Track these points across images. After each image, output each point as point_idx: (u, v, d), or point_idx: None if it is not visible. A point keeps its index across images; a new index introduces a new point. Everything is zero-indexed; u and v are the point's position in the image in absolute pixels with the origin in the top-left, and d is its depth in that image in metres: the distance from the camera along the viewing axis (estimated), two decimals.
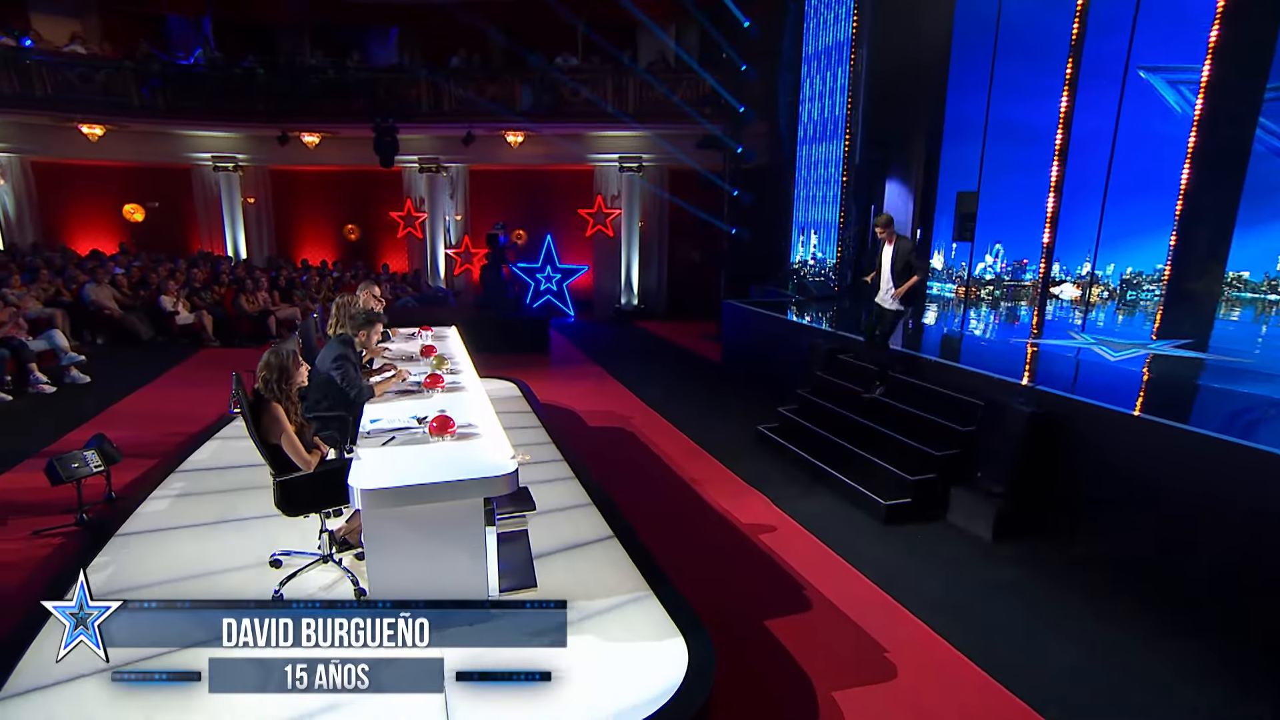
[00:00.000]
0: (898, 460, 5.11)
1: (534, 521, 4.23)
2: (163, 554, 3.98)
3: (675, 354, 10.99)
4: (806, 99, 11.08)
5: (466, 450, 3.38)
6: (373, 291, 5.81)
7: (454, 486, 3.04)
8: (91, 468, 4.48)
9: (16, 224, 12.90)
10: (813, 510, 5.05)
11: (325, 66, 12.88)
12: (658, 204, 14.64)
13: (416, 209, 15.01)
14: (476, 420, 3.81)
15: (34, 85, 11.66)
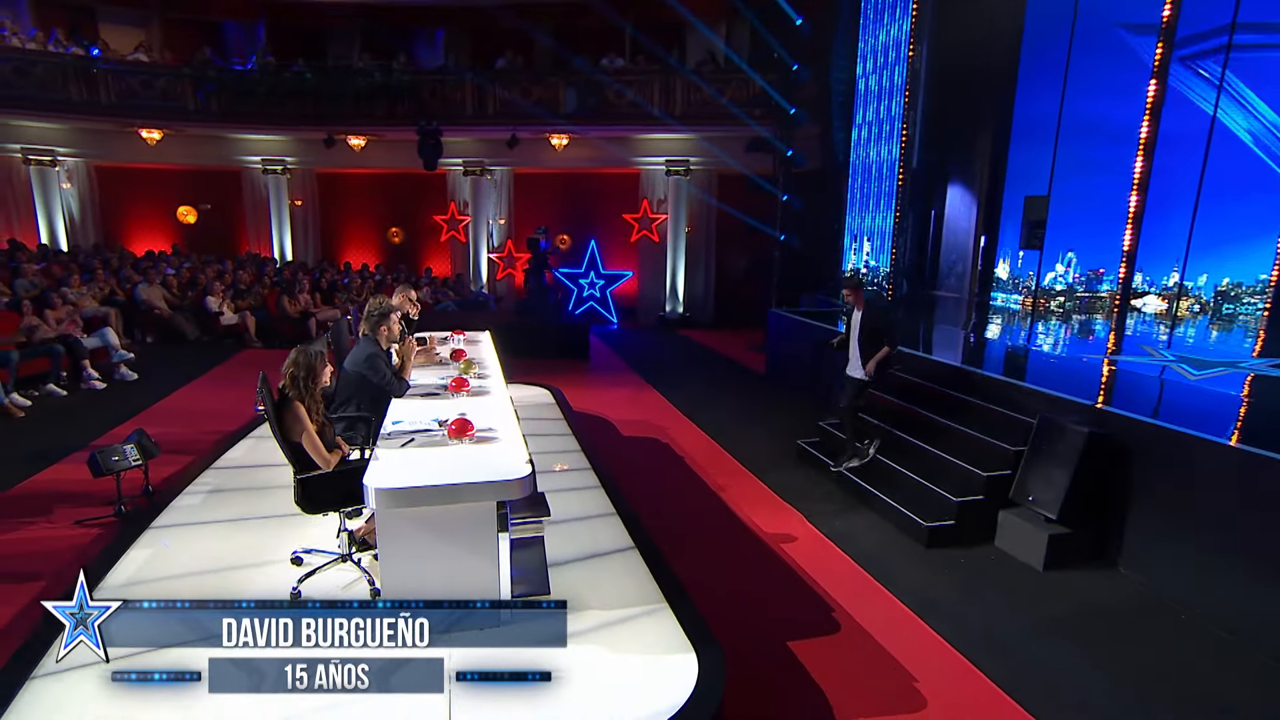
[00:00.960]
0: (941, 480, 5.00)
1: (553, 529, 4.29)
2: (191, 548, 4.22)
3: (718, 364, 11.03)
4: (861, 99, 10.96)
5: (483, 454, 3.49)
6: (408, 295, 6.03)
7: (466, 489, 3.14)
8: (130, 461, 4.79)
9: (80, 226, 13.87)
10: (849, 529, 4.98)
11: (372, 70, 13.46)
12: (705, 209, 14.69)
13: (460, 212, 15.44)
14: (497, 425, 3.92)
15: (100, 93, 12.60)
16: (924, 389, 6.12)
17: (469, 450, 3.55)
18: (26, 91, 12.18)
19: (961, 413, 5.54)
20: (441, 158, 13.87)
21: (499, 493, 3.19)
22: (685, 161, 14.45)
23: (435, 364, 5.50)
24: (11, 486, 5.28)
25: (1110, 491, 4.45)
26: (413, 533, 3.17)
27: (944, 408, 5.71)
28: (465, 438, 3.62)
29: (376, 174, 15.34)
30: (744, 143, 12.58)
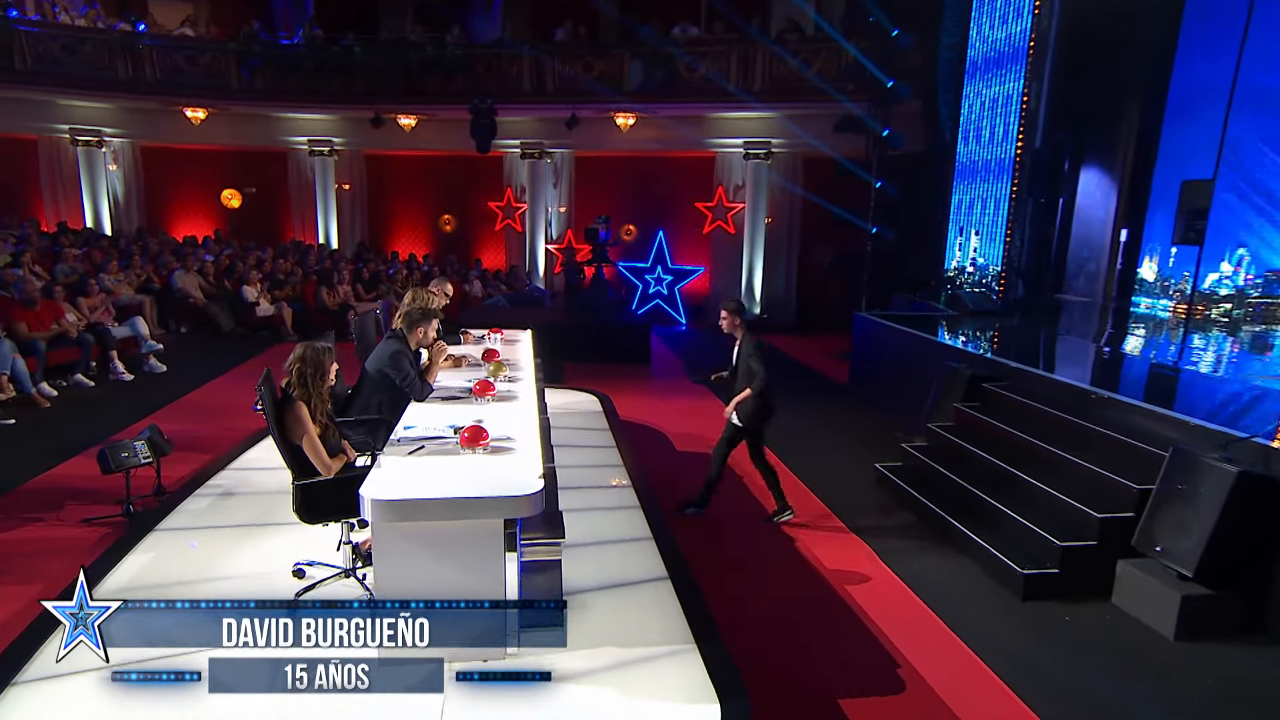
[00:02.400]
0: (1045, 520, 4.68)
1: (577, 552, 4.31)
2: (193, 554, 4.42)
3: (795, 373, 10.90)
4: (974, 67, 10.51)
5: (494, 466, 3.52)
6: (444, 288, 6.17)
7: (469, 504, 3.16)
8: (140, 459, 5.05)
9: (124, 209, 14.94)
10: (928, 571, 4.76)
11: (423, 43, 13.87)
12: (787, 197, 14.50)
13: (517, 199, 15.72)
14: (517, 434, 3.94)
15: (145, 70, 13.55)
16: (1031, 411, 5.82)
17: (480, 461, 3.59)
18: (74, 69, 13.21)
19: (1076, 441, 5.23)
20: (496, 139, 14.14)
21: (505, 509, 3.20)
22: (766, 143, 14.30)
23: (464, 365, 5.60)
24: (26, 481, 5.66)
25: (1269, 547, 4.03)
26: (410, 550, 3.20)
27: (1054, 434, 5.41)
28: (478, 447, 3.66)
29: (427, 156, 15.79)
30: (833, 122, 12.32)
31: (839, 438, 7.51)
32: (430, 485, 3.28)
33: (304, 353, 3.71)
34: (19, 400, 7.21)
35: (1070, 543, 4.45)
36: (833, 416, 8.32)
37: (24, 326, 7.50)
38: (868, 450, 6.83)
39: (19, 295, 7.73)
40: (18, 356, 7.15)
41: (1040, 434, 5.44)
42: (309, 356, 3.70)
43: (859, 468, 6.48)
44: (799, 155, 14.25)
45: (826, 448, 7.16)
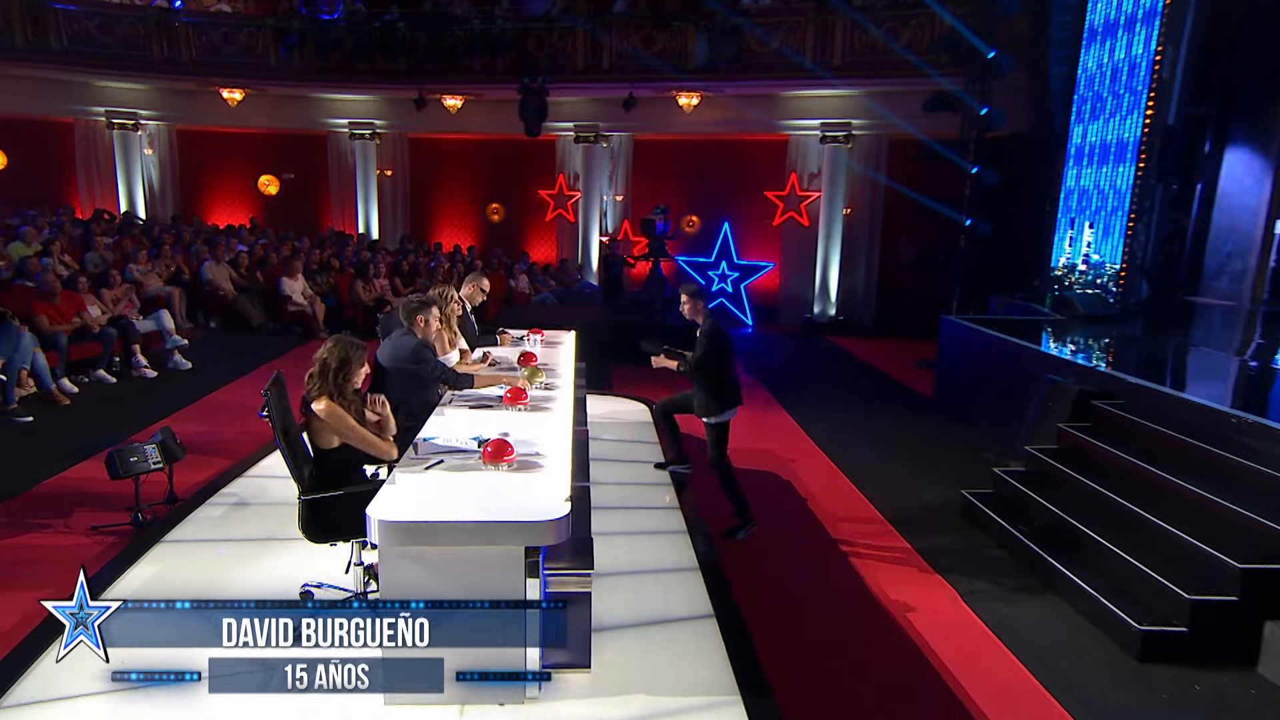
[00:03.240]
0: (1171, 567, 4.32)
1: (615, 583, 4.27)
2: (200, 568, 4.47)
3: (874, 382, 10.80)
4: (1092, 33, 9.98)
5: (517, 485, 3.44)
6: (480, 284, 6.21)
7: (485, 529, 3.11)
8: (150, 464, 5.13)
9: (159, 196, 15.54)
10: (1022, 619, 4.49)
11: (470, 17, 13.99)
12: (869, 185, 14.22)
13: (569, 187, 15.79)
14: (547, 449, 3.88)
15: (180, 49, 14.06)
16: (1154, 435, 5.51)
17: (503, 479, 3.54)
18: (110, 49, 13.80)
19: (1212, 474, 4.89)
20: (548, 121, 14.17)
21: (526, 536, 3.12)
22: (846, 125, 14.03)
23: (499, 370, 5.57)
24: (38, 483, 5.83)
25: None
26: (420, 578, 3.14)
27: (1183, 464, 5.09)
28: (501, 463, 3.61)
29: (474, 140, 16.02)
30: (923, 100, 11.91)
31: (919, 458, 7.32)
32: (444, 506, 3.24)
33: (334, 347, 3.70)
34: (39, 397, 7.46)
35: (1203, 596, 4.09)
36: (913, 434, 8.12)
37: (44, 319, 7.77)
38: (952, 474, 6.65)
39: (40, 286, 8.02)
40: (38, 351, 7.39)
41: (1165, 463, 5.14)
42: (336, 352, 3.69)
43: (942, 494, 6.30)
44: (883, 138, 13.97)
45: (904, 469, 7.00)
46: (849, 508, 6.10)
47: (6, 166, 15.18)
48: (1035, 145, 11.39)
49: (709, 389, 5.33)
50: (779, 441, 7.64)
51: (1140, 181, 9.12)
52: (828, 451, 7.34)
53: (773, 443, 7.57)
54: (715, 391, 5.32)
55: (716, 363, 5.29)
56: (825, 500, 6.18)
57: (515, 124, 14.04)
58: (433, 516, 3.11)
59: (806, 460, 7.13)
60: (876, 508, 6.04)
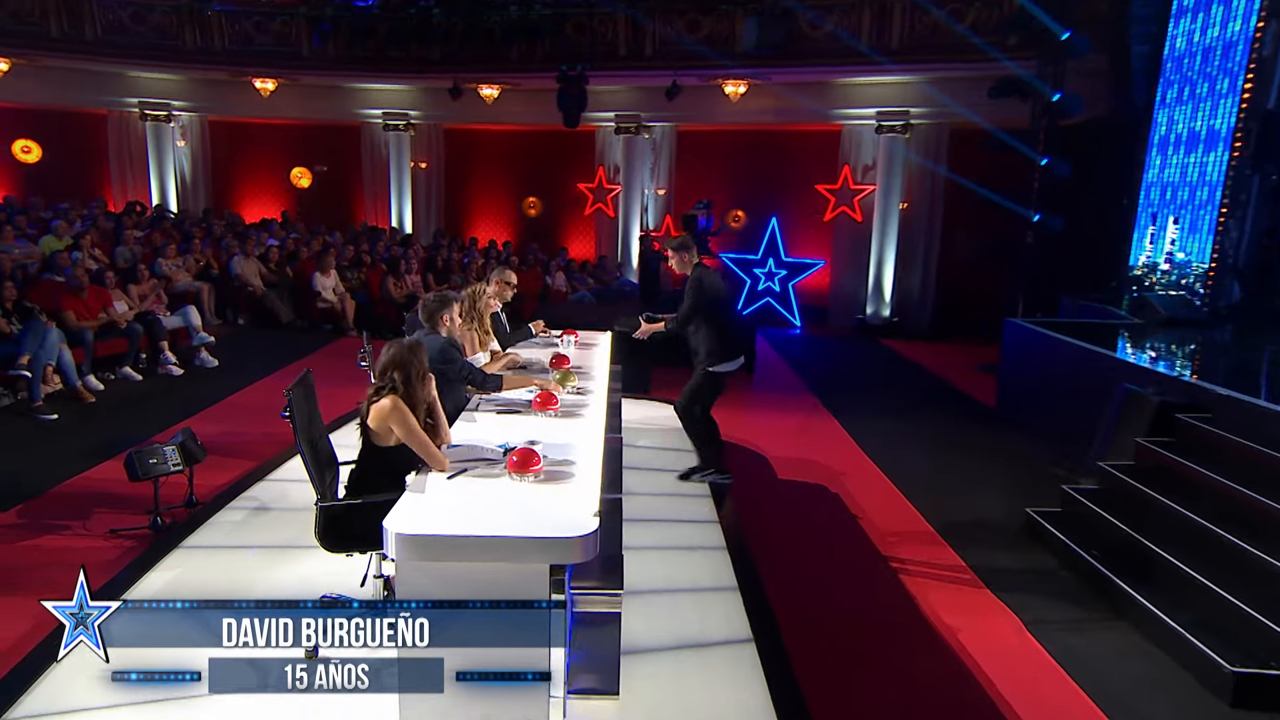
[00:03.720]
0: (1267, 601, 4.08)
1: (648, 602, 4.21)
2: (216, 576, 4.49)
3: (931, 389, 10.66)
4: (1180, 9, 9.70)
5: (543, 497, 3.37)
6: (505, 279, 6.12)
7: (507, 545, 3.00)
8: (170, 465, 5.17)
9: (191, 189, 15.91)
10: (1093, 652, 4.29)
11: (507, 2, 14.03)
12: (928, 178, 14.01)
13: (609, 180, 15.80)
14: (578, 458, 3.79)
15: (213, 38, 14.39)
16: (1249, 453, 5.27)
17: (529, 490, 3.45)
18: (143, 38, 14.19)
19: None
20: (587, 111, 14.23)
21: (550, 553, 3.02)
22: (903, 113, 13.83)
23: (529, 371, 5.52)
24: (60, 483, 5.92)
25: None
26: (438, 595, 3.03)
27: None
28: (527, 474, 3.51)
29: (511, 131, 16.11)
30: (988, 85, 11.64)
31: (979, 471, 7.18)
32: (465, 519, 3.15)
33: (398, 354, 3.65)
34: (64, 394, 7.62)
35: None
36: (973, 445, 7.98)
37: (71, 315, 7.93)
38: (1016, 490, 6.50)
39: (69, 281, 8.20)
40: (64, 347, 7.55)
41: (1262, 485, 4.89)
42: (403, 357, 3.64)
43: (1004, 511, 6.14)
44: (943, 127, 13.76)
45: (963, 483, 6.85)
46: (901, 523, 5.97)
47: (41, 159, 15.66)
48: (1113, 133, 11.15)
49: (707, 341, 5.47)
50: (827, 451, 7.55)
51: (1234, 172, 8.85)
52: (879, 463, 7.22)
53: (820, 452, 7.50)
54: (714, 340, 5.46)
55: (706, 313, 5.45)
56: (876, 515, 6.07)
57: (553, 114, 14.11)
58: (452, 530, 3.03)
59: (856, 472, 7.02)
60: (931, 524, 5.91)
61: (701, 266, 5.63)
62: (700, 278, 5.48)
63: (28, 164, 15.61)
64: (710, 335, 5.49)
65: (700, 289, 5.44)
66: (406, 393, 3.59)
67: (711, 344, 5.50)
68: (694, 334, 5.57)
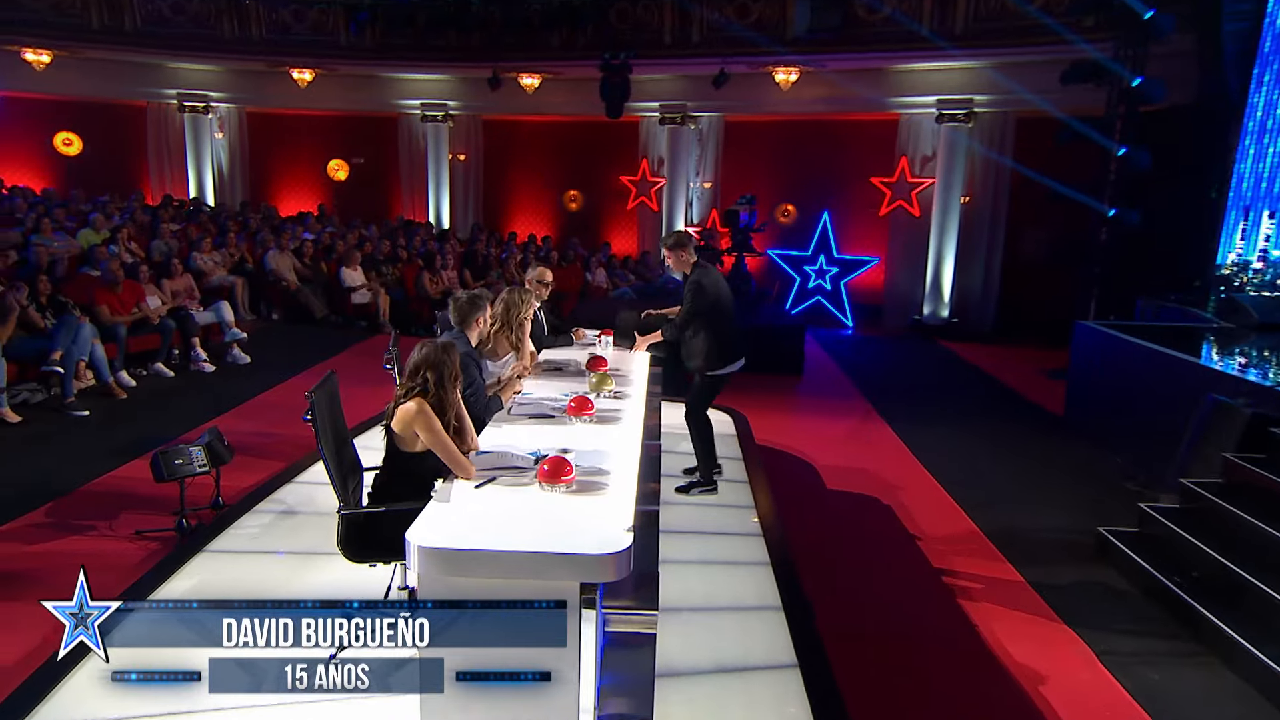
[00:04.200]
0: None
1: (686, 620, 4.15)
2: (237, 582, 4.45)
3: (993, 395, 10.53)
4: None
5: (575, 510, 3.30)
6: (542, 276, 6.11)
7: (535, 561, 2.93)
8: (196, 466, 5.21)
9: (229, 181, 16.26)
10: (1175, 688, 4.12)
11: None
12: (992, 170, 13.79)
13: (653, 172, 15.84)
14: (613, 467, 3.72)
15: (251, 28, 14.71)
16: None
17: (560, 502, 3.38)
18: (181, 29, 14.58)
19: None
20: (630, 101, 14.24)
21: (580, 570, 2.95)
22: (966, 102, 13.60)
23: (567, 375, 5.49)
24: (88, 481, 6.03)
25: None
26: None
27: None
28: (559, 484, 3.44)
29: (552, 122, 16.22)
30: (1060, 70, 11.31)
31: (1046, 486, 7.02)
32: (491, 532, 3.09)
33: (430, 354, 3.59)
34: (96, 390, 7.78)
35: None
36: (1039, 456, 7.83)
37: (105, 309, 8.09)
38: (1087, 506, 6.36)
39: (104, 275, 8.36)
40: (97, 342, 7.70)
41: None
42: (431, 358, 3.58)
43: (1074, 529, 5.96)
44: (1009, 116, 13.53)
45: (1028, 498, 6.70)
46: (960, 540, 5.82)
47: (82, 151, 16.13)
48: (1202, 120, 10.81)
49: (704, 345, 5.54)
50: (880, 460, 7.46)
51: None
52: (936, 473, 7.10)
53: (872, 461, 7.41)
54: (711, 344, 5.52)
55: (705, 317, 5.49)
56: (932, 530, 5.94)
57: (596, 104, 14.13)
58: (477, 545, 2.97)
59: (911, 483, 6.89)
60: (993, 541, 5.75)
61: (701, 267, 5.62)
62: (699, 280, 5.49)
63: (69, 156, 16.14)
64: (708, 339, 5.54)
65: (700, 292, 5.46)
66: (437, 395, 3.54)
67: (709, 348, 5.55)
68: (690, 337, 5.60)
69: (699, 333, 5.56)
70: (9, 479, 5.99)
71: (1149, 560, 5.11)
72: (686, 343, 5.67)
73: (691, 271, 5.55)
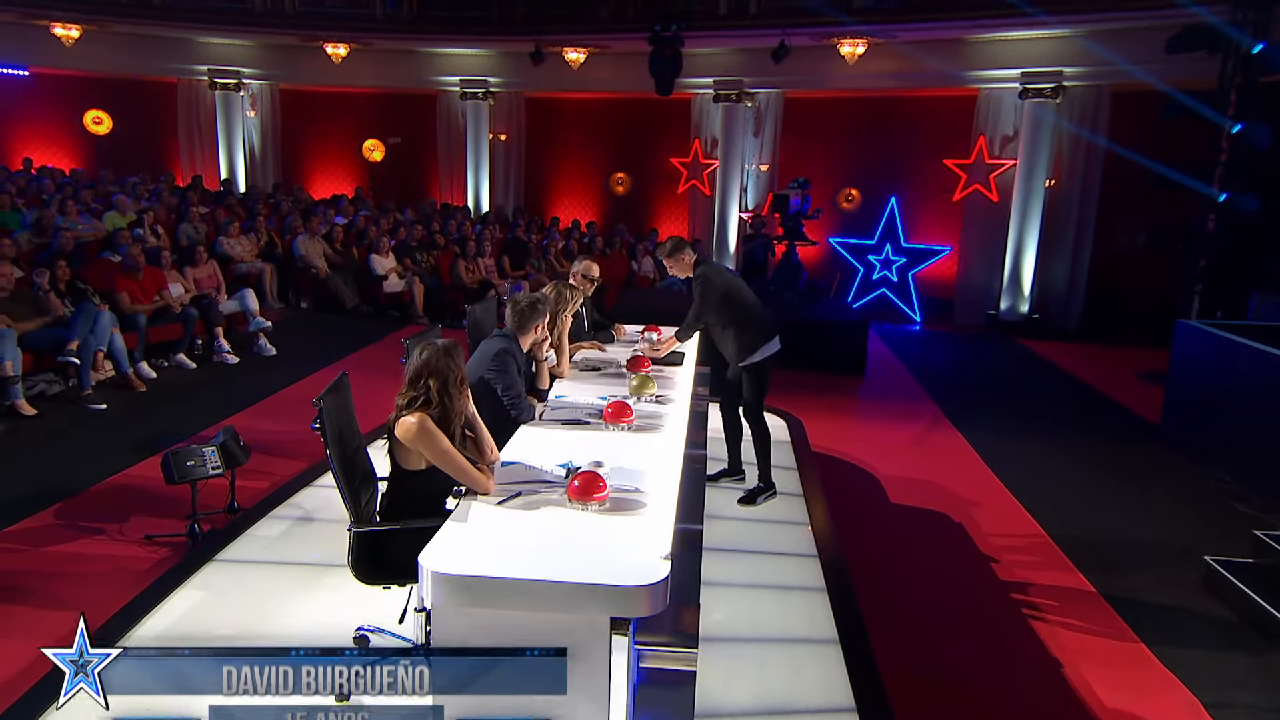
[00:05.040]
0: None
1: (729, 652, 4.05)
2: (248, 595, 4.44)
3: (1079, 400, 10.33)
4: None
5: (608, 532, 3.17)
6: (588, 271, 6.05)
7: (559, 592, 2.81)
8: (209, 468, 5.16)
9: (260, 162, 16.50)
10: None
11: None
12: (1083, 150, 13.46)
13: (706, 154, 15.76)
14: (650, 484, 3.59)
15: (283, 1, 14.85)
16: None
17: (591, 523, 3.25)
18: (212, 1, 14.84)
19: None
20: (682, 77, 14.14)
21: (611, 603, 2.83)
22: (1055, 74, 13.21)
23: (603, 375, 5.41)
24: (101, 480, 6.05)
25: None
26: (481, 644, 2.90)
27: None
28: (590, 503, 3.32)
29: (598, 99, 16.17)
30: (1165, 37, 10.84)
31: (1143, 505, 6.84)
32: (513, 558, 2.96)
33: (431, 359, 3.48)
34: (115, 381, 7.83)
35: None
36: (1134, 471, 7.66)
37: (125, 297, 8.15)
38: (1189, 530, 6.21)
39: (125, 261, 8.43)
40: (116, 332, 7.74)
41: None
42: (433, 364, 3.46)
43: (1176, 558, 5.75)
44: (1104, 90, 13.15)
45: (1121, 520, 6.51)
46: (1043, 566, 5.64)
47: (112, 130, 16.50)
48: None
49: (734, 338, 5.66)
50: (950, 472, 7.31)
51: None
52: (1014, 488, 6.94)
53: (942, 473, 7.25)
54: (739, 332, 5.64)
55: (720, 311, 5.63)
56: (1010, 555, 5.76)
57: (645, 80, 14.03)
58: (496, 572, 2.85)
59: (986, 499, 6.74)
60: (1080, 568, 5.55)
61: (705, 264, 5.82)
62: (704, 274, 5.64)
63: (98, 135, 16.51)
64: (734, 331, 5.66)
65: (709, 287, 5.60)
66: (441, 405, 3.42)
67: (739, 339, 5.67)
68: (719, 336, 5.79)
69: (725, 328, 5.69)
70: (21, 476, 6.04)
71: (1266, 596, 4.85)
72: (719, 342, 5.82)
73: (695, 271, 5.70)
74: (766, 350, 5.66)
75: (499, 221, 15.30)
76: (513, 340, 4.45)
